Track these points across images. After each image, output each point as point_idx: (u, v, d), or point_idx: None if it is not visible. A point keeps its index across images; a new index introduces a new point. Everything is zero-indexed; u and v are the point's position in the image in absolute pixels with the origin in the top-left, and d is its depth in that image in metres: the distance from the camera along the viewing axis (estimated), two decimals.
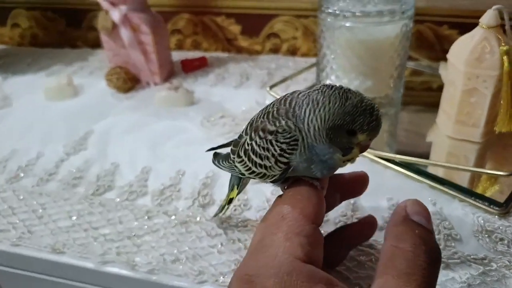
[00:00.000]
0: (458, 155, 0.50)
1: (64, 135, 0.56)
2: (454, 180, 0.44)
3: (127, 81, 0.67)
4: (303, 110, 0.27)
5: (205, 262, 0.36)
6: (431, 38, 0.69)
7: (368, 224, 0.35)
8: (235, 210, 0.42)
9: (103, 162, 0.50)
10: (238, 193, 0.35)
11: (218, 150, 0.37)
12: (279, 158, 0.28)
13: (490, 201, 0.40)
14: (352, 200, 0.42)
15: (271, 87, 0.58)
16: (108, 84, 0.67)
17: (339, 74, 0.55)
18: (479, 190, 0.43)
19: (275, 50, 0.78)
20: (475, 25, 0.45)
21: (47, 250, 0.39)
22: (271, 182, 0.30)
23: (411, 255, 0.23)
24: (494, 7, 0.43)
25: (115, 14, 0.63)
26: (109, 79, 0.66)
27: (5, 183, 0.48)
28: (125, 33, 0.64)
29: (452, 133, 0.49)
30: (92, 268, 0.37)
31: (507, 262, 0.34)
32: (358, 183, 0.35)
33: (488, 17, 0.43)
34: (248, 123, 0.32)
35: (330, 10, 0.51)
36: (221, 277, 0.35)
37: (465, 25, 0.48)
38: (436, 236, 0.37)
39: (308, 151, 0.27)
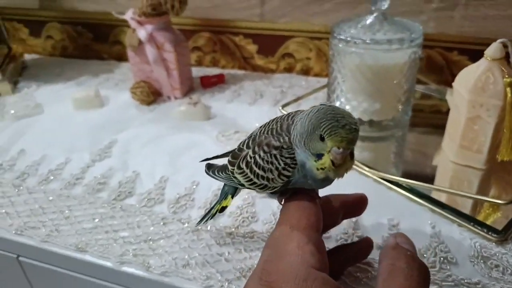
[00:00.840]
0: (461, 180, 0.51)
1: (90, 143, 0.60)
2: (457, 204, 0.46)
3: (150, 95, 0.71)
4: (295, 123, 0.30)
5: (212, 269, 0.39)
6: (441, 63, 0.71)
7: (366, 243, 0.38)
8: (243, 221, 0.45)
9: (125, 170, 0.54)
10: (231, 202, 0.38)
11: (211, 162, 0.40)
12: (283, 172, 0.30)
13: (489, 228, 0.42)
14: (354, 219, 0.44)
15: (284, 106, 0.61)
16: (133, 96, 0.71)
17: (349, 97, 0.58)
18: (481, 216, 0.45)
19: (289, 69, 0.82)
20: (482, 52, 0.47)
21: (72, 248, 0.42)
22: (270, 193, 0.33)
23: (406, 270, 0.27)
24: (498, 40, 0.46)
25: (142, 33, 0.67)
26: (133, 92, 0.71)
27: (37, 185, 0.52)
28: (150, 50, 0.68)
29: (455, 158, 0.51)
30: (111, 267, 0.40)
31: None
32: (359, 204, 0.38)
33: (493, 50, 0.46)
34: (249, 138, 0.34)
35: (341, 37, 0.54)
36: (226, 283, 0.37)
37: (474, 51, 0.50)
38: (432, 259, 0.39)
39: (300, 165, 0.30)
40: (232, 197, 0.38)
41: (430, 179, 0.51)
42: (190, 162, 0.55)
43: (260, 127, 0.34)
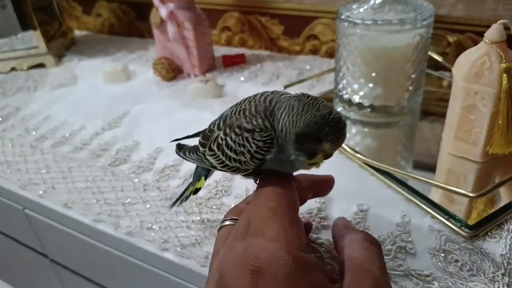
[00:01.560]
0: (457, 173, 0.48)
1: (106, 113, 0.66)
2: (454, 199, 0.43)
3: (170, 71, 0.74)
4: (280, 112, 0.30)
5: (172, 233, 0.41)
6: None
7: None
8: (215, 194, 0.46)
9: (127, 139, 0.58)
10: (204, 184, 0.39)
11: (183, 142, 0.41)
12: (255, 155, 0.30)
13: (462, 223, 0.39)
14: (322, 200, 0.44)
15: (286, 86, 0.61)
16: (154, 72, 0.76)
17: (350, 80, 0.56)
18: (474, 214, 0.42)
19: (314, 52, 0.80)
20: None
21: (61, 204, 0.47)
22: (243, 175, 0.33)
23: (366, 244, 0.29)
24: (499, 21, 0.41)
25: (163, 11, 0.71)
26: (155, 68, 0.75)
27: (50, 147, 0.58)
28: (171, 28, 0.72)
29: (452, 150, 0.48)
30: (88, 223, 0.45)
31: (450, 283, 0.34)
32: (326, 184, 0.38)
33: (492, 32, 0.42)
34: (220, 118, 0.34)
35: (343, 16, 0.53)
36: (180, 248, 0.40)
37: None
38: (389, 247, 0.38)
39: (279, 150, 0.30)
40: (206, 179, 0.39)
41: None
42: None
43: (231, 107, 0.33)
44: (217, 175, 0.49)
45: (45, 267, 0.62)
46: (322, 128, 0.28)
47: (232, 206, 0.44)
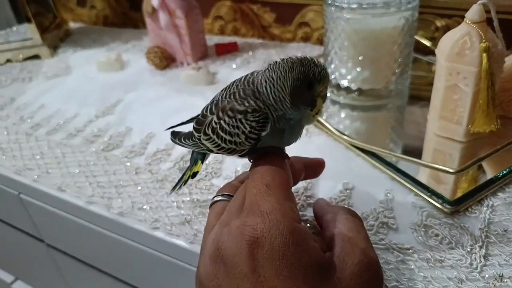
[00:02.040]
0: (443, 153, 0.49)
1: (100, 101, 0.66)
2: (441, 179, 0.44)
3: (163, 60, 0.75)
4: (263, 88, 0.31)
5: (163, 213, 0.43)
6: None
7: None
8: (205, 176, 0.47)
9: (120, 125, 0.59)
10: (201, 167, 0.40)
11: (177, 129, 0.41)
12: (249, 135, 0.31)
13: (443, 199, 0.40)
14: (308, 180, 0.45)
15: None
16: (147, 61, 0.76)
17: (338, 64, 0.57)
18: (460, 192, 0.43)
19: (306, 39, 0.81)
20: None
21: (55, 187, 0.48)
22: (239, 156, 0.34)
23: (350, 218, 0.31)
24: (479, 1, 0.42)
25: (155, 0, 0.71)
26: (148, 57, 0.76)
27: (44, 134, 0.59)
28: (162, 16, 0.72)
29: (437, 130, 0.49)
30: (81, 205, 0.46)
31: (429, 256, 0.35)
32: (317, 167, 0.40)
33: (472, 12, 0.42)
34: (211, 103, 0.35)
35: (329, 1, 0.53)
36: (170, 226, 0.41)
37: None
38: (372, 222, 0.39)
39: (278, 123, 0.31)
40: (202, 162, 0.39)
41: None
42: (179, 122, 0.58)
43: (221, 91, 0.34)
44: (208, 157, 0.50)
45: (42, 252, 0.64)
46: (307, 74, 0.30)
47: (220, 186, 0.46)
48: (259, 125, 0.31)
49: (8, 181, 0.53)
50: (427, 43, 0.64)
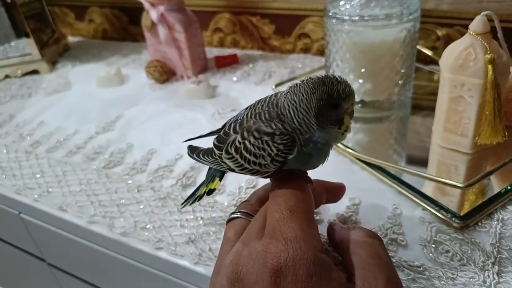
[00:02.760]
0: (448, 165, 0.48)
1: (99, 117, 0.66)
2: (446, 192, 0.44)
3: (163, 74, 0.75)
4: (287, 111, 0.30)
5: (166, 232, 0.42)
6: None
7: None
8: None
9: (121, 142, 0.59)
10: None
11: (195, 145, 0.40)
12: (276, 158, 0.30)
13: (452, 214, 0.40)
14: None
15: (277, 85, 0.61)
16: (147, 75, 0.76)
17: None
18: (466, 205, 0.43)
19: (305, 50, 0.81)
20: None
21: (56, 207, 0.48)
22: (262, 177, 0.33)
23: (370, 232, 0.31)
24: (483, 13, 0.42)
25: (154, 14, 0.71)
26: (147, 71, 0.75)
27: (45, 152, 0.58)
28: (162, 31, 0.72)
29: (441, 142, 0.48)
30: (82, 225, 0.45)
31: (441, 273, 0.34)
32: (338, 191, 0.39)
33: (476, 23, 0.42)
34: (235, 121, 0.33)
35: (330, 13, 0.53)
36: (173, 247, 0.40)
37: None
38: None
39: (305, 147, 0.30)
40: (220, 180, 0.38)
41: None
42: (180, 137, 0.57)
43: (245, 109, 0.33)
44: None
45: (43, 271, 0.63)
46: (331, 94, 0.29)
47: (225, 204, 0.45)
48: (286, 148, 0.30)
49: (8, 201, 0.52)
50: (428, 52, 0.64)
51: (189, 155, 0.39)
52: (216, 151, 0.34)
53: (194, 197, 0.40)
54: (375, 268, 0.27)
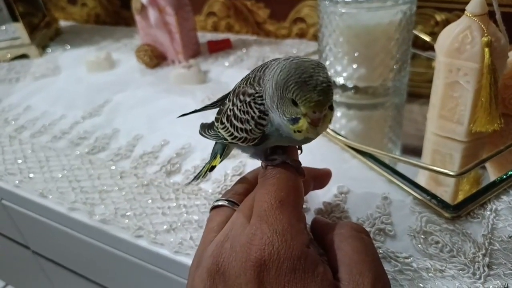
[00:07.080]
0: (443, 153, 0.47)
1: (87, 102, 0.64)
2: (440, 181, 0.42)
3: (153, 58, 0.73)
4: (266, 80, 0.28)
5: (147, 220, 0.40)
6: None
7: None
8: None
9: (107, 127, 0.57)
10: (220, 161, 0.36)
11: (204, 121, 0.37)
12: (259, 121, 0.28)
13: (443, 203, 0.38)
14: None
15: None
16: (137, 60, 0.74)
17: (333, 61, 0.54)
18: (461, 195, 0.41)
19: (301, 35, 0.79)
20: None
21: (37, 193, 0.46)
22: (252, 145, 0.31)
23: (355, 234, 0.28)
24: None
25: None
26: (138, 55, 0.73)
27: (29, 137, 0.57)
28: (152, 13, 0.70)
29: (436, 129, 0.47)
30: (63, 212, 0.44)
31: (429, 265, 0.33)
32: (325, 178, 0.38)
33: (473, 4, 0.40)
34: (232, 91, 0.32)
35: None
36: (153, 235, 0.39)
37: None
38: (368, 229, 0.37)
39: (275, 128, 0.28)
40: (220, 156, 0.36)
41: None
42: (167, 123, 0.56)
43: (242, 79, 0.31)
44: (193, 160, 0.48)
45: (28, 259, 0.62)
46: (294, 90, 0.25)
47: (210, 191, 0.43)
48: (267, 109, 0.28)
49: None
50: (426, 38, 0.62)
51: (199, 133, 0.37)
52: (215, 123, 0.33)
53: (200, 173, 0.38)
54: (361, 265, 0.26)
